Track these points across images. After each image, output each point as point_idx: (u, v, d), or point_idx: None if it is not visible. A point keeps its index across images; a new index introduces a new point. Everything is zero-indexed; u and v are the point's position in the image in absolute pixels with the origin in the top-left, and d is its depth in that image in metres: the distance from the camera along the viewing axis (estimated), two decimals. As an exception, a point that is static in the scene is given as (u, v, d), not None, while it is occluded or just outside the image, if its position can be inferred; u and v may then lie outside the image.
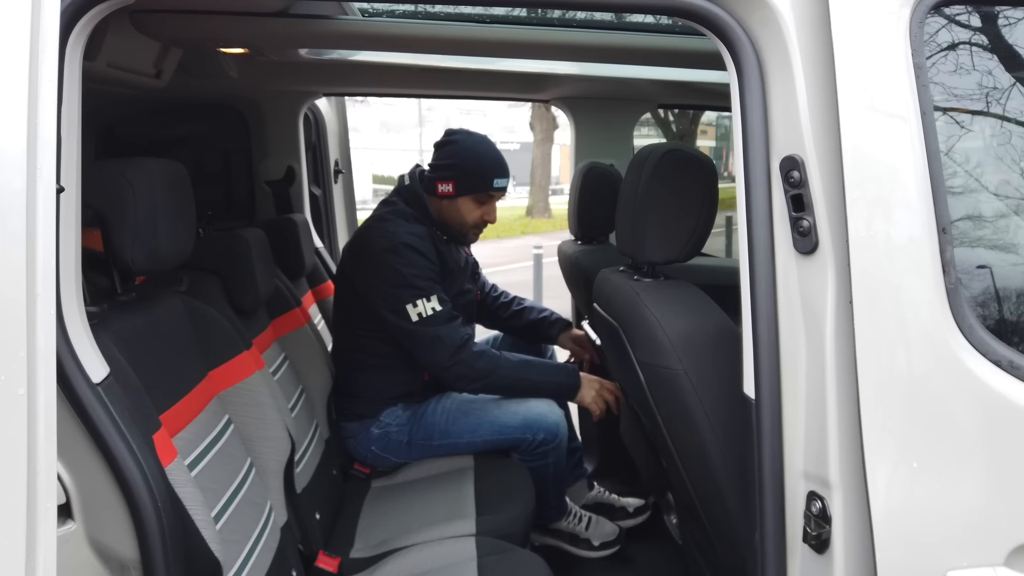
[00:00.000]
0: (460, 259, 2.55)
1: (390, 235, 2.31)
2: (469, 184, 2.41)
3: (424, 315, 2.24)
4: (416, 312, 2.24)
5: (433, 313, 2.25)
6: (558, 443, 2.37)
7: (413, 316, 2.24)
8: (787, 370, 1.13)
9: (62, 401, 1.09)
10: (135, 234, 1.39)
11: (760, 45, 1.15)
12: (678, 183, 1.58)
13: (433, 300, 2.26)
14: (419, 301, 2.25)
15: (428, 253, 2.33)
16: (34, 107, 0.97)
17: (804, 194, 1.09)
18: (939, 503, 1.04)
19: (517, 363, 2.35)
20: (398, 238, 2.30)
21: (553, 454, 2.37)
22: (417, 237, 2.33)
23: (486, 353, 2.29)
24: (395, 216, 2.40)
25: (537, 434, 2.34)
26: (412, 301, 2.24)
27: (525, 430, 2.34)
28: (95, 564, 1.17)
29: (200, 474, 1.44)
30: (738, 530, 1.40)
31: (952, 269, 1.05)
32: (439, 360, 2.27)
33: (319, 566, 1.92)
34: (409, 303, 2.24)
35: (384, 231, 2.34)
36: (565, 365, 2.50)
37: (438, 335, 2.25)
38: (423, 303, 2.25)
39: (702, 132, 9.64)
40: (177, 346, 1.57)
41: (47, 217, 0.97)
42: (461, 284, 2.52)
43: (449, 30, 2.18)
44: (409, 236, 2.32)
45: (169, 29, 2.07)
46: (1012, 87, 1.16)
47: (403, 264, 2.27)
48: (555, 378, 2.39)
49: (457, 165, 2.41)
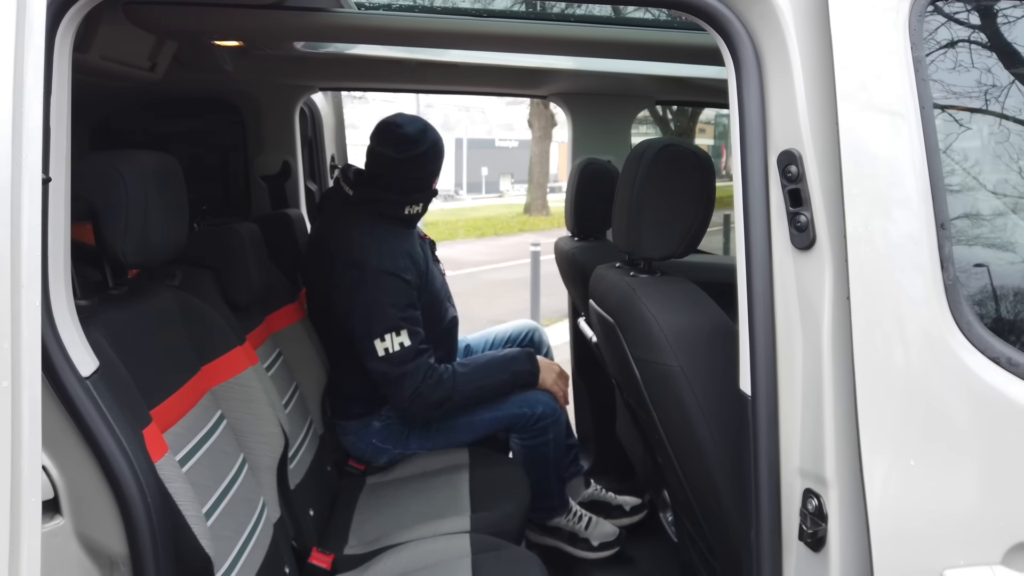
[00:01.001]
0: (423, 250, 2.47)
1: (364, 259, 2.23)
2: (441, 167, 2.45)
3: (391, 351, 2.18)
4: (383, 347, 2.18)
5: (400, 349, 2.19)
6: (557, 417, 2.38)
7: (379, 351, 2.19)
8: (783, 367, 1.12)
9: (50, 395, 1.08)
10: (127, 227, 1.38)
11: (758, 39, 1.14)
12: (675, 178, 1.57)
13: (403, 335, 2.19)
14: (388, 335, 2.18)
15: (405, 271, 2.25)
16: (19, 96, 0.96)
17: (801, 189, 1.08)
18: (936, 501, 1.03)
19: (473, 372, 2.31)
20: (373, 262, 2.22)
21: (553, 429, 2.37)
22: (392, 256, 2.24)
23: (443, 380, 2.23)
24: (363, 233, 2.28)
25: (535, 407, 2.35)
26: (380, 335, 2.18)
27: (523, 404, 2.36)
28: (84, 560, 1.16)
29: (191, 469, 1.43)
30: (734, 528, 1.40)
31: (950, 265, 1.04)
32: (398, 399, 2.25)
33: (312, 563, 1.92)
34: (377, 337, 2.18)
35: (356, 253, 2.25)
36: (519, 353, 2.43)
37: (401, 374, 2.19)
38: (391, 338, 2.18)
39: (700, 130, 9.64)
40: (169, 341, 1.56)
41: (32, 207, 0.96)
42: (436, 274, 2.49)
43: (446, 23, 2.16)
44: (385, 259, 2.23)
45: (163, 21, 2.05)
46: (1013, 84, 1.15)
47: (379, 290, 2.21)
48: (513, 368, 2.36)
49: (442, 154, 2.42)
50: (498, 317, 3.01)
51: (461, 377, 2.28)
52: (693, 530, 1.74)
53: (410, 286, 2.26)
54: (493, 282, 11.05)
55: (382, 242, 2.28)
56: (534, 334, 2.90)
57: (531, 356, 2.40)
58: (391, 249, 2.28)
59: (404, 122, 2.36)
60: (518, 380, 2.37)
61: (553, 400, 2.39)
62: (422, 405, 2.24)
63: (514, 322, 3.00)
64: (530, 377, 2.38)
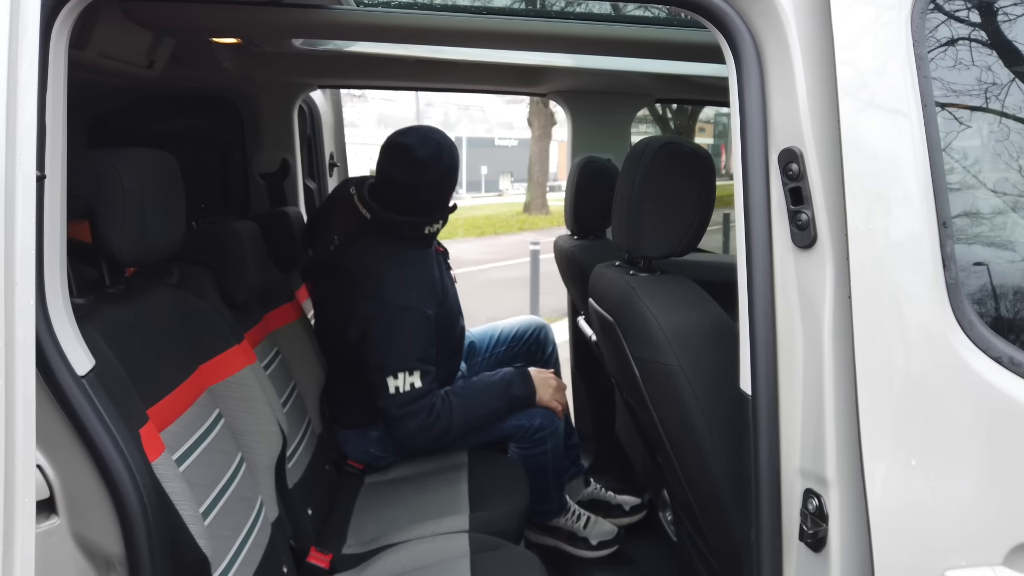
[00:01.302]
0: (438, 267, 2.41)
1: (382, 293, 2.16)
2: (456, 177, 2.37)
3: (401, 390, 2.13)
4: (395, 385, 2.13)
5: (411, 390, 2.14)
6: (555, 428, 2.36)
7: (391, 388, 2.14)
8: (784, 366, 1.12)
9: (46, 394, 1.07)
10: (124, 225, 1.37)
11: (759, 36, 1.13)
12: (675, 177, 1.56)
13: (415, 375, 2.14)
14: (401, 374, 2.13)
15: (426, 305, 2.18)
16: (13, 93, 0.95)
17: (803, 187, 1.07)
18: (937, 501, 1.03)
19: (470, 402, 2.24)
20: (392, 298, 2.15)
21: (551, 440, 2.35)
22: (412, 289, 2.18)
23: (440, 416, 2.18)
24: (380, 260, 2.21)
25: (533, 419, 2.33)
26: (393, 373, 2.13)
27: (521, 416, 2.33)
28: (79, 560, 1.15)
29: (189, 469, 1.42)
30: (734, 528, 1.39)
31: (952, 264, 1.04)
32: (400, 434, 2.21)
33: (310, 562, 1.91)
34: (390, 375, 2.13)
35: (375, 286, 2.18)
36: (514, 377, 2.33)
37: (407, 414, 2.15)
38: (404, 377, 2.13)
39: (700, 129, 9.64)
40: (167, 339, 1.55)
41: (26, 205, 0.95)
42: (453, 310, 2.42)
43: (445, 20, 2.15)
44: (405, 293, 2.16)
45: (160, 18, 2.04)
46: (1015, 81, 1.15)
47: (397, 327, 2.15)
48: (510, 394, 2.29)
49: (458, 169, 2.34)
50: (497, 316, 3.00)
51: (458, 410, 2.21)
52: (693, 530, 1.73)
53: (430, 321, 2.20)
54: (492, 281, 11.05)
55: (403, 274, 2.21)
56: (540, 332, 2.84)
57: (526, 377, 2.32)
58: (413, 282, 2.21)
59: (415, 143, 2.22)
60: (515, 404, 2.31)
61: (551, 411, 2.36)
62: (422, 441, 2.21)
63: (520, 318, 2.94)
64: (527, 400, 2.31)
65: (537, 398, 2.32)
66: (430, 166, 2.21)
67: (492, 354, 2.80)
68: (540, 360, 2.79)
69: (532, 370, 2.37)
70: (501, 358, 2.79)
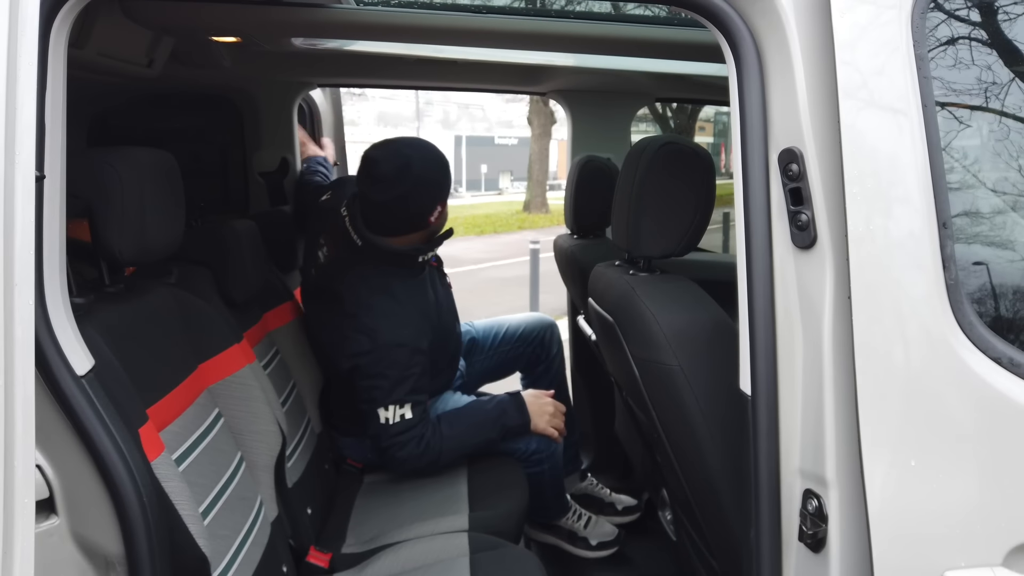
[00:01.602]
0: (432, 286, 2.36)
1: (376, 328, 2.12)
2: (447, 192, 2.27)
3: (391, 421, 2.11)
4: (385, 416, 2.11)
5: (401, 421, 2.11)
6: (552, 451, 2.33)
7: (380, 418, 2.12)
8: (784, 366, 1.12)
9: (45, 394, 1.07)
10: (123, 224, 1.37)
11: (760, 36, 1.13)
12: (675, 176, 1.56)
13: (406, 408, 2.11)
14: (392, 407, 2.11)
15: (419, 341, 2.14)
16: (12, 92, 0.95)
17: (803, 187, 1.07)
18: (937, 502, 1.03)
19: (460, 432, 2.21)
20: (386, 336, 2.11)
21: (548, 461, 2.33)
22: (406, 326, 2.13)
23: (430, 446, 2.14)
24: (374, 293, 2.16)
25: (529, 444, 2.30)
26: (384, 404, 2.11)
27: (518, 440, 2.30)
28: (79, 559, 1.15)
29: (188, 468, 1.42)
30: (733, 528, 1.39)
31: (952, 265, 1.04)
32: (389, 463, 2.19)
33: (310, 561, 1.91)
34: (380, 407, 2.11)
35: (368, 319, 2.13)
36: (508, 405, 2.28)
37: (395, 444, 2.13)
38: (395, 409, 2.11)
39: (700, 128, 9.64)
40: (166, 339, 1.55)
41: (26, 204, 0.95)
42: (444, 296, 2.39)
43: (445, 19, 2.15)
44: (399, 331, 2.12)
45: (160, 17, 2.04)
46: (1015, 81, 1.14)
47: (388, 363, 2.11)
48: (503, 423, 2.24)
49: (439, 188, 2.21)
50: (497, 315, 2.98)
51: (448, 440, 2.18)
52: (692, 530, 1.73)
53: (424, 355, 2.17)
54: (492, 280, 11.05)
55: (397, 310, 2.16)
56: (546, 333, 2.75)
57: (520, 406, 2.27)
58: (407, 319, 2.16)
59: (382, 157, 2.12)
60: (508, 434, 2.27)
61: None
62: (412, 468, 2.19)
63: (527, 315, 2.86)
64: (521, 429, 2.27)
65: (532, 426, 2.26)
66: (393, 182, 2.10)
67: (496, 352, 2.74)
68: (544, 361, 2.73)
69: (528, 394, 2.31)
70: (505, 358, 2.75)
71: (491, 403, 2.30)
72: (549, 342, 2.76)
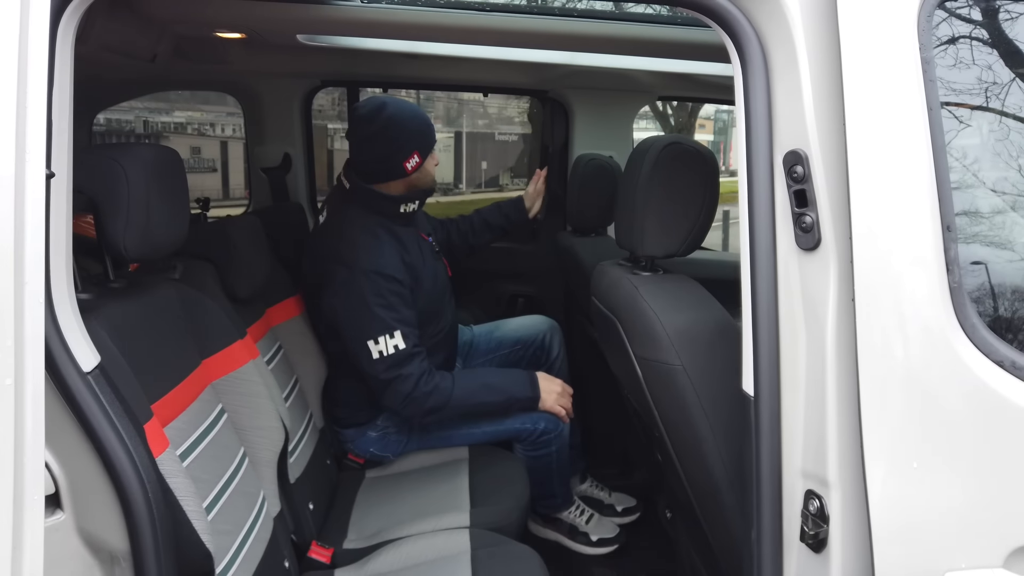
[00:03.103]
0: (420, 249, 2.40)
1: (355, 257, 2.19)
2: (428, 144, 2.34)
3: (385, 353, 2.14)
4: (377, 350, 2.14)
5: (395, 352, 2.14)
6: (560, 432, 2.36)
7: (374, 354, 2.15)
8: (787, 368, 1.12)
9: (52, 390, 1.07)
10: (128, 221, 1.37)
11: (765, 38, 1.13)
12: (678, 176, 1.56)
13: (396, 336, 2.15)
14: (381, 338, 2.14)
15: (396, 271, 2.20)
16: (23, 91, 0.95)
17: (807, 189, 1.08)
18: (938, 504, 1.03)
19: (473, 388, 2.26)
20: (364, 262, 2.18)
21: (556, 442, 2.35)
22: (383, 256, 2.20)
23: (439, 389, 2.19)
24: (355, 230, 2.25)
25: (538, 424, 2.33)
26: (375, 337, 2.14)
27: (526, 420, 2.33)
28: (84, 554, 1.16)
29: (192, 464, 1.43)
30: (734, 527, 1.40)
31: (956, 267, 1.04)
32: (391, 402, 2.21)
33: (312, 556, 1.92)
34: (371, 339, 2.14)
35: (348, 252, 2.21)
36: (521, 377, 2.36)
37: (395, 377, 2.15)
38: (385, 340, 2.14)
39: (700, 126, 9.63)
40: (170, 334, 1.56)
41: (36, 203, 0.95)
42: (430, 275, 2.41)
43: (449, 18, 2.15)
44: (376, 259, 2.19)
45: (165, 13, 2.04)
46: (1020, 82, 1.15)
47: (371, 292, 2.16)
48: (513, 393, 2.30)
49: (412, 135, 2.31)
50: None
51: (459, 390, 2.22)
52: (693, 529, 1.74)
53: (402, 285, 2.22)
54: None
55: (373, 240, 2.23)
56: (546, 336, 2.76)
57: (532, 381, 2.33)
58: (381, 248, 2.23)
59: (363, 103, 2.32)
60: (515, 405, 2.31)
61: (556, 415, 2.35)
62: (415, 410, 2.21)
63: (527, 319, 2.85)
64: (529, 403, 2.31)
65: (540, 402, 2.31)
66: (368, 121, 2.27)
67: (495, 355, 2.75)
68: (546, 363, 2.74)
69: (540, 375, 2.36)
70: (505, 360, 2.75)
71: (505, 371, 2.41)
72: (550, 343, 2.76)
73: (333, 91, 3.47)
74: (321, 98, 3.28)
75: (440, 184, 16.67)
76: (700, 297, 1.54)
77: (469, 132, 18.67)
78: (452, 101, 12.93)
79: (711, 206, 1.58)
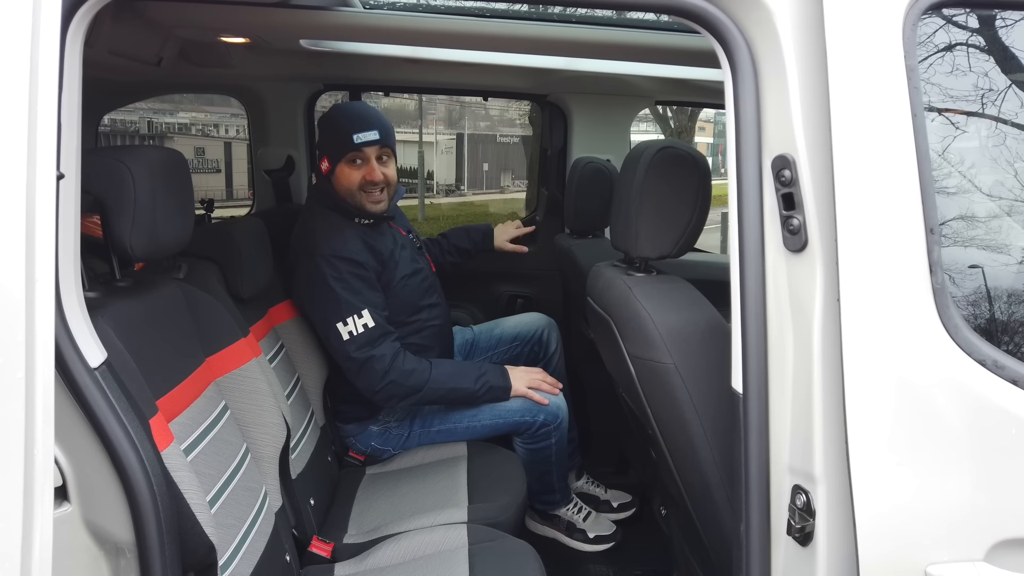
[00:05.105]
0: (394, 241, 2.43)
1: (315, 245, 2.24)
2: (334, 149, 2.32)
3: (355, 332, 2.17)
4: (347, 331, 2.17)
5: (364, 331, 2.17)
6: (559, 424, 2.38)
7: (344, 335, 2.17)
8: (775, 366, 1.15)
9: (60, 385, 1.10)
10: (134, 221, 1.40)
11: (755, 45, 1.16)
12: (671, 180, 1.59)
13: (365, 315, 2.17)
14: (350, 319, 2.17)
15: (358, 254, 2.24)
16: (34, 94, 0.97)
17: (795, 193, 1.10)
18: (921, 498, 1.06)
19: (449, 374, 2.30)
20: (324, 248, 2.21)
21: (555, 435, 2.38)
22: (343, 241, 2.24)
23: (416, 371, 2.23)
24: (316, 220, 2.31)
25: (537, 416, 2.35)
26: (343, 319, 2.17)
27: (525, 413, 2.35)
28: (91, 546, 1.18)
29: (196, 459, 1.45)
30: (725, 522, 1.42)
31: (939, 269, 1.07)
32: (369, 384, 2.22)
33: (313, 551, 1.94)
34: (339, 321, 2.17)
35: (309, 240, 2.26)
36: (491, 367, 2.40)
37: (369, 357, 2.18)
38: (354, 320, 2.17)
39: (700, 128, 9.65)
40: (175, 332, 1.59)
41: (46, 204, 0.98)
42: (409, 265, 2.43)
43: (450, 24, 2.18)
44: (335, 243, 2.22)
45: (170, 17, 2.07)
46: (1005, 90, 1.18)
47: (333, 276, 2.19)
48: (484, 380, 2.33)
49: (322, 136, 2.39)
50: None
51: (437, 374, 2.26)
52: (685, 524, 1.77)
53: (365, 268, 2.24)
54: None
55: (331, 227, 2.27)
56: (543, 332, 2.80)
57: (503, 372, 2.36)
58: (343, 235, 2.26)
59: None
60: (486, 394, 2.34)
61: (557, 408, 2.37)
62: (394, 391, 2.23)
63: (525, 316, 2.90)
64: (501, 392, 2.34)
65: (513, 390, 2.35)
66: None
67: (495, 352, 2.78)
68: (543, 359, 2.77)
69: (513, 367, 2.41)
70: (503, 357, 2.78)
71: (480, 363, 2.47)
72: (548, 340, 2.79)
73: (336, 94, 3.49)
74: (324, 101, 3.31)
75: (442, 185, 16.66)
76: (692, 297, 1.56)
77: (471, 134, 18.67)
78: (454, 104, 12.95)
79: (703, 209, 1.60)
